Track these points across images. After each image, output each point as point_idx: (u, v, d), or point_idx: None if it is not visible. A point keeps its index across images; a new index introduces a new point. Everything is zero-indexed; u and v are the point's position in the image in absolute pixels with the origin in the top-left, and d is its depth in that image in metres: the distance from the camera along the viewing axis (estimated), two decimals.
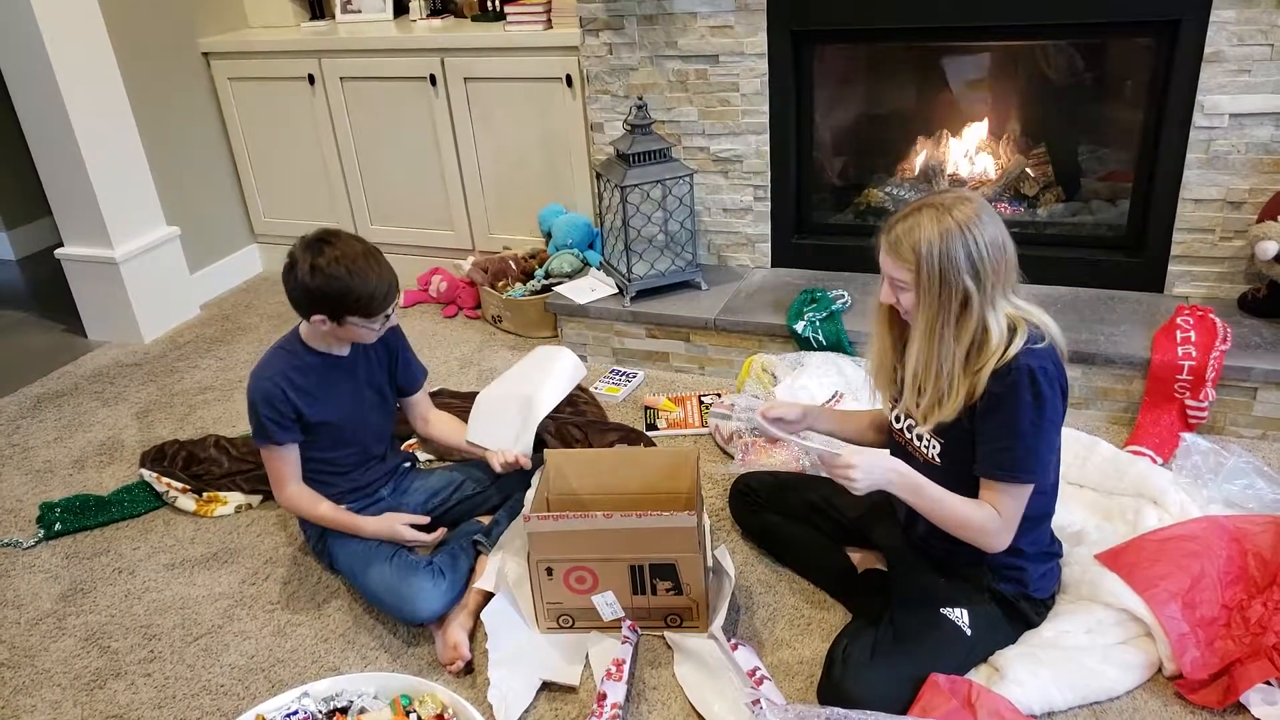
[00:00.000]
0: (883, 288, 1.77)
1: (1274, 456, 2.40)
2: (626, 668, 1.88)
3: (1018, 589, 1.85)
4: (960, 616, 1.80)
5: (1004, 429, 1.68)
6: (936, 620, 1.80)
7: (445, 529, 2.23)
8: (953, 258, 1.64)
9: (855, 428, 2.04)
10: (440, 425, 2.41)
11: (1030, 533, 1.82)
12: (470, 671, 1.96)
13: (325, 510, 2.16)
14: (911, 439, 1.86)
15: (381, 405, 2.27)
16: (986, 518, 1.72)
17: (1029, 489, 1.73)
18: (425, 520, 2.19)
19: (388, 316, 2.06)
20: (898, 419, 1.90)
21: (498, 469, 2.25)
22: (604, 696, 1.82)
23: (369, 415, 2.23)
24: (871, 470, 1.70)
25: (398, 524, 2.14)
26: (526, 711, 1.85)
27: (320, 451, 2.17)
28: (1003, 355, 1.67)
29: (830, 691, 1.73)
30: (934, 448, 1.81)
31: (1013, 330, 1.69)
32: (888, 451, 1.89)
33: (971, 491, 1.76)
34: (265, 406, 2.05)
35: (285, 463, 2.13)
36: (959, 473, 1.76)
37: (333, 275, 1.95)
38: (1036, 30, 2.76)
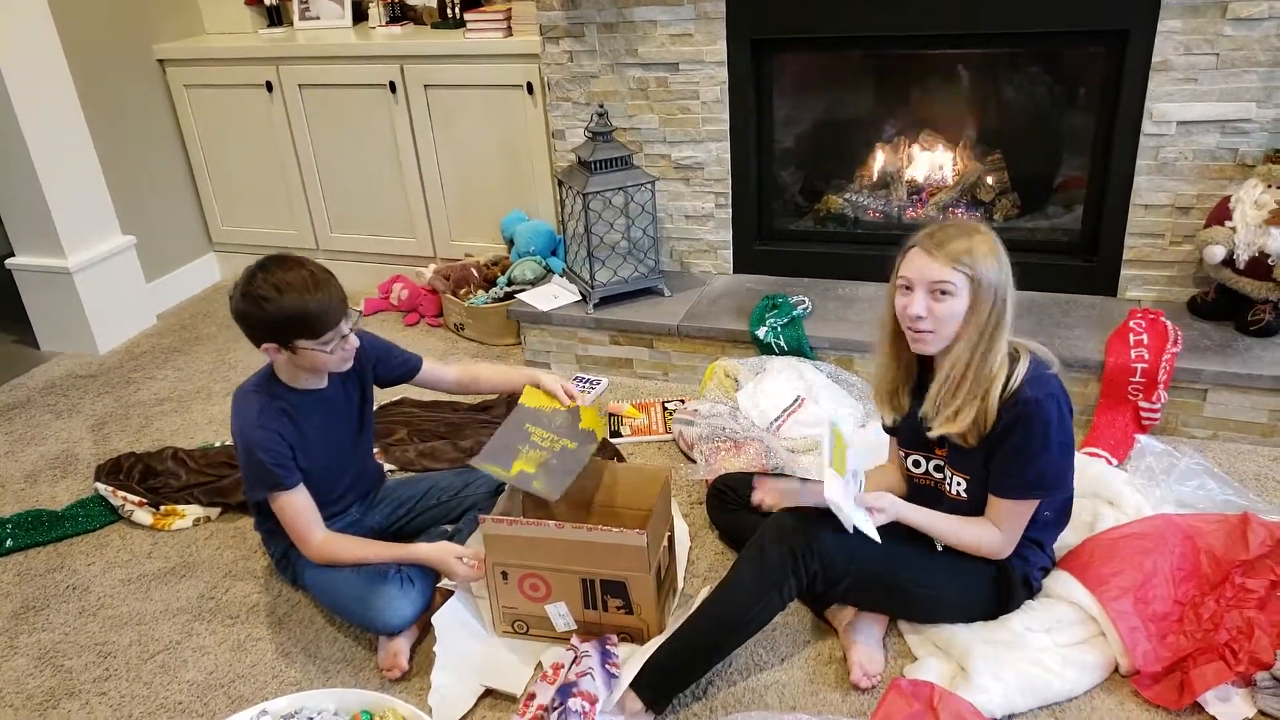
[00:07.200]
0: (911, 299, 1.73)
1: (1224, 457, 2.45)
2: (564, 673, 1.87)
3: (1024, 567, 1.91)
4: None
5: (1017, 454, 1.75)
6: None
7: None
8: (998, 274, 1.71)
9: (898, 485, 2.03)
10: (481, 374, 2.30)
11: (1050, 530, 1.94)
12: (405, 679, 1.96)
13: (365, 550, 2.03)
14: (942, 480, 1.90)
15: (361, 432, 2.19)
16: (991, 537, 1.82)
17: (1033, 504, 1.82)
18: (480, 554, 2.01)
19: (344, 337, 1.94)
20: (916, 464, 1.94)
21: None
22: (532, 697, 1.83)
23: (350, 448, 2.17)
24: (891, 510, 1.80)
25: (451, 556, 2.01)
26: (465, 716, 1.85)
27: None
28: (1007, 382, 1.73)
29: None
30: (959, 485, 1.87)
31: (1014, 358, 1.75)
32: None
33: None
34: (266, 453, 1.94)
35: (304, 508, 2.00)
36: (984, 507, 1.85)
37: (262, 297, 1.85)
38: (991, 39, 2.80)
